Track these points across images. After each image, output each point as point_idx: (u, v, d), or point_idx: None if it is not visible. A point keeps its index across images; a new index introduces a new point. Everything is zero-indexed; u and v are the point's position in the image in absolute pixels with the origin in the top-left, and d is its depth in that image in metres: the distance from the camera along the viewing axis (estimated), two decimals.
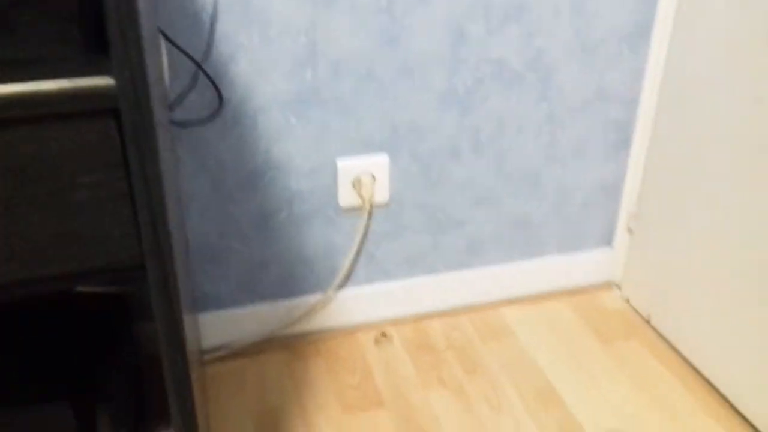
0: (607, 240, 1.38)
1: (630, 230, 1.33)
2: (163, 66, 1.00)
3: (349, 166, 1.16)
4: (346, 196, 1.18)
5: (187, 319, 0.91)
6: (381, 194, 1.20)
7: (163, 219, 0.55)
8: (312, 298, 1.25)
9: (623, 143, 1.28)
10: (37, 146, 0.52)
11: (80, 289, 0.94)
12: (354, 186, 1.18)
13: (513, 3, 1.10)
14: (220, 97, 1.05)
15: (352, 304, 1.28)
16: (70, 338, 0.92)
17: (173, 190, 0.80)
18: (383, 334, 1.29)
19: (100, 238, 0.54)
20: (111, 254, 0.55)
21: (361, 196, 1.18)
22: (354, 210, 1.20)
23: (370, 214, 1.22)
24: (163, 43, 0.99)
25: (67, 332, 0.93)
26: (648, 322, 1.30)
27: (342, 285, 1.27)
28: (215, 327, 1.22)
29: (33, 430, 0.83)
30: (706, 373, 1.17)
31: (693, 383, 1.17)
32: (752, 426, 1.08)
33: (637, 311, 1.34)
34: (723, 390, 1.13)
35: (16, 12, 0.50)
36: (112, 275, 0.58)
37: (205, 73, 1.03)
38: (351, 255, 1.24)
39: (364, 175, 1.17)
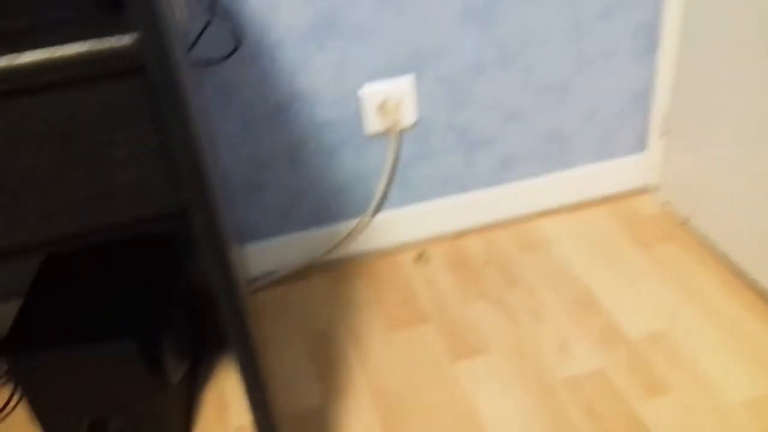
0: (641, 145, 1.36)
1: (665, 133, 1.31)
2: (182, 7, 1.00)
3: (373, 92, 1.16)
4: (373, 122, 1.19)
5: (234, 253, 0.95)
6: (408, 117, 1.20)
7: (201, 166, 0.57)
8: (350, 224, 1.28)
9: (652, 46, 1.24)
10: (70, 108, 0.54)
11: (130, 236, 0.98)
12: (380, 111, 1.18)
13: None
14: (238, 33, 1.05)
15: (389, 227, 1.31)
16: (128, 279, 0.97)
17: (206, 132, 0.82)
18: (422, 254, 1.32)
19: (141, 189, 0.57)
20: (152, 204, 0.58)
21: (388, 121, 1.19)
22: (382, 135, 1.21)
23: (398, 137, 1.22)
24: None
25: (124, 274, 0.98)
26: (686, 224, 1.30)
27: (378, 209, 1.29)
28: (259, 256, 1.27)
29: (102, 366, 0.89)
30: (748, 272, 1.17)
31: (734, 283, 1.17)
32: None
33: (674, 214, 1.33)
34: (765, 286, 1.14)
35: None
36: (155, 224, 0.61)
37: (221, 10, 1.03)
38: (383, 179, 1.25)
39: (389, 99, 1.17)
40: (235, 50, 1.07)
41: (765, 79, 1.03)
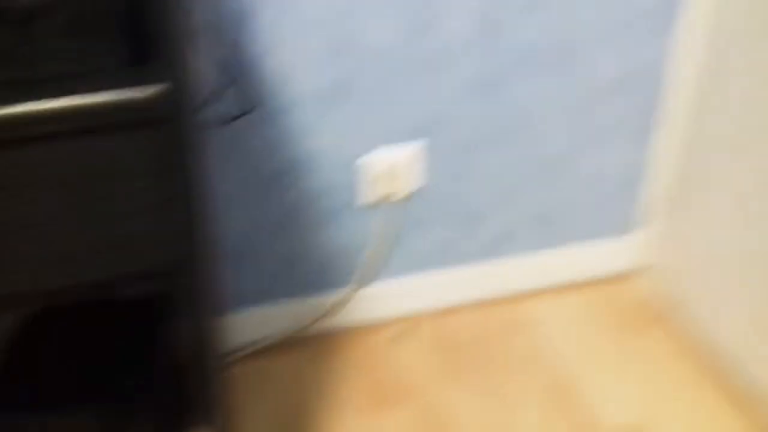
0: (635, 226, 1.36)
1: (657, 214, 1.31)
2: (195, 64, 0.99)
3: (377, 157, 1.14)
4: (374, 188, 1.17)
5: (217, 320, 0.91)
6: (409, 185, 1.18)
7: (200, 226, 0.56)
8: (338, 293, 1.24)
9: (650, 126, 1.26)
10: (83, 157, 0.53)
11: (118, 293, 0.94)
12: (382, 177, 1.17)
13: None
14: (252, 94, 1.04)
15: (379, 298, 1.28)
16: (108, 342, 0.92)
17: (206, 192, 0.81)
18: (405, 330, 1.28)
19: (142, 243, 0.55)
20: (151, 258, 0.56)
21: (386, 190, 1.17)
22: (379, 203, 1.19)
23: (397, 205, 1.21)
24: (195, 43, 0.98)
25: (103, 336, 0.93)
26: (673, 310, 1.29)
27: (369, 279, 1.26)
28: (241, 324, 1.22)
29: None
30: (737, 365, 1.15)
31: (719, 376, 1.16)
32: None
33: (662, 300, 1.32)
34: (752, 383, 1.11)
35: (61, 29, 0.50)
36: (152, 278, 0.58)
37: (237, 70, 1.02)
38: (379, 248, 1.23)
39: (392, 166, 1.16)
40: (246, 111, 1.06)
41: (762, 169, 1.04)
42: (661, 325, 1.27)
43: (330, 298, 1.24)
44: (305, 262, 1.21)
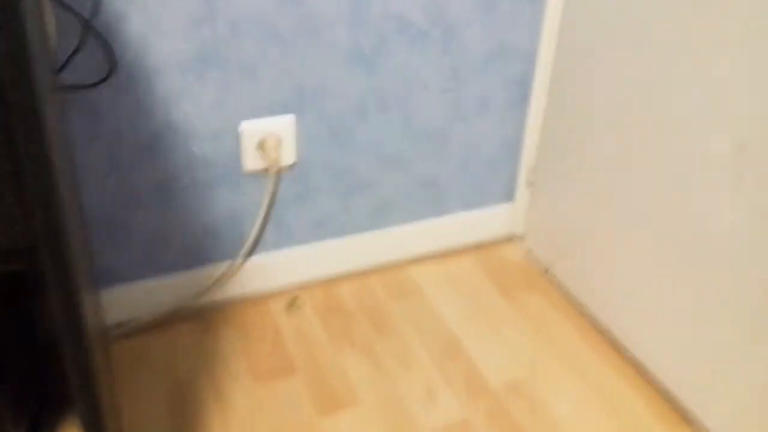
0: (510, 195, 1.42)
1: (530, 184, 1.38)
2: (50, 26, 0.93)
3: (253, 128, 1.13)
4: (251, 160, 1.15)
5: (87, 297, 0.87)
6: (287, 156, 1.18)
7: (55, 199, 0.52)
8: (220, 267, 1.23)
9: (523, 99, 1.31)
10: None
11: None
12: (259, 148, 1.15)
13: None
14: (113, 57, 0.99)
15: (262, 271, 1.27)
16: None
17: (66, 162, 0.76)
18: (294, 300, 1.29)
19: None
20: (7, 234, 0.52)
21: (266, 159, 1.16)
22: (260, 173, 1.18)
23: (276, 177, 1.19)
24: (48, 1, 0.92)
25: None
26: (547, 273, 1.37)
27: (250, 251, 1.25)
28: (119, 302, 1.17)
29: None
30: (601, 320, 1.24)
31: (589, 331, 1.24)
32: (645, 369, 1.15)
33: (537, 264, 1.40)
34: (619, 337, 1.21)
35: None
36: (11, 255, 0.54)
37: (95, 32, 0.96)
38: (259, 220, 1.22)
39: (269, 137, 1.14)
40: (108, 76, 1.00)
41: (621, 141, 1.11)
42: (537, 286, 1.34)
43: (215, 269, 1.22)
44: (187, 234, 1.17)
